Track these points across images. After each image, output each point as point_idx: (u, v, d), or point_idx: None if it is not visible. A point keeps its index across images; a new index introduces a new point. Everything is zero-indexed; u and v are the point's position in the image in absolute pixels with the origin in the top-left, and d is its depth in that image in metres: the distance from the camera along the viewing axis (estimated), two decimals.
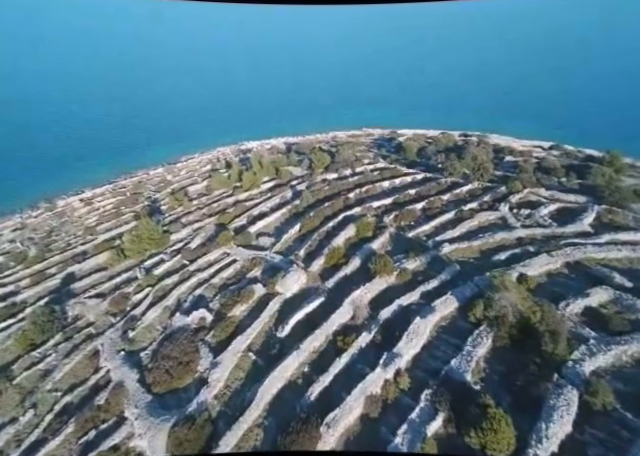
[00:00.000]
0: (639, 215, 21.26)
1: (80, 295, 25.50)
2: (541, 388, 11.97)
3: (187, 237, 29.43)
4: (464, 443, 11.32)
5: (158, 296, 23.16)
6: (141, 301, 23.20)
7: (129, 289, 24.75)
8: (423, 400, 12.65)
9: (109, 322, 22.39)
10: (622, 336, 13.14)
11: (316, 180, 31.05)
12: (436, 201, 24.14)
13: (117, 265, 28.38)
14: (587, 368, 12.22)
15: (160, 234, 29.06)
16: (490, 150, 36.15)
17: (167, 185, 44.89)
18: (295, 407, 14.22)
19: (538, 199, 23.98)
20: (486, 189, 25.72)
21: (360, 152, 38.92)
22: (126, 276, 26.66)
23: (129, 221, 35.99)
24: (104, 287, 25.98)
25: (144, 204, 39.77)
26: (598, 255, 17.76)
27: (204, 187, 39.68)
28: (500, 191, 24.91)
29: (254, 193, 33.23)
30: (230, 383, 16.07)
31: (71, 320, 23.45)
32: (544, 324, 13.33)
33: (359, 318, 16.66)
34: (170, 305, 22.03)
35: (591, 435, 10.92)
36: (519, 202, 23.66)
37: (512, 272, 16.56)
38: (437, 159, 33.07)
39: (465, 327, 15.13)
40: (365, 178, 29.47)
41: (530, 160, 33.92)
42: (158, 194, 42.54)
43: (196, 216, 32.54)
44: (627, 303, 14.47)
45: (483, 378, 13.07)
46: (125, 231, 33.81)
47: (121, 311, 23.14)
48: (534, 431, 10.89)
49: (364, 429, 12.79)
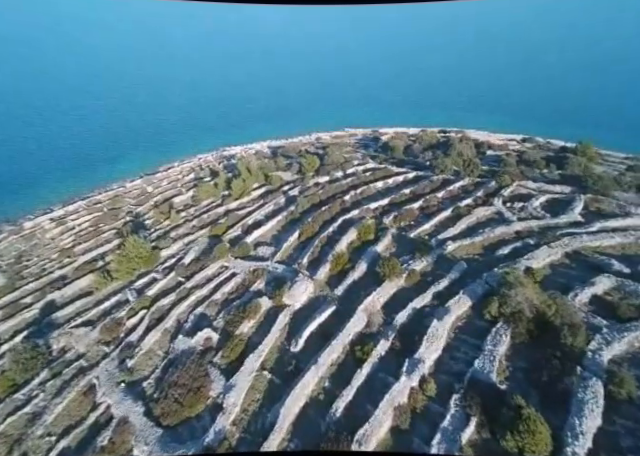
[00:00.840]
0: (622, 202, 22.29)
1: (64, 325, 23.34)
2: (566, 382, 12.00)
3: (179, 252, 27.81)
4: (500, 447, 11.10)
5: (155, 319, 21.63)
6: (136, 326, 21.56)
7: (121, 314, 22.93)
8: (452, 406, 12.36)
9: (102, 352, 20.60)
10: (631, 322, 13.49)
11: (308, 184, 30.34)
12: (432, 199, 24.17)
13: (103, 288, 26.33)
14: (606, 357, 12.40)
15: (149, 251, 27.27)
16: (472, 145, 36.92)
17: (148, 198, 42.50)
18: (320, 426, 13.53)
19: (528, 192, 24.59)
20: (477, 184, 26.10)
21: (348, 153, 38.57)
22: (115, 300, 24.76)
23: (111, 239, 33.68)
24: (92, 314, 23.97)
25: (125, 220, 37.41)
26: (593, 243, 18.34)
27: (190, 197, 37.86)
28: (491, 186, 25.33)
29: (245, 201, 32.02)
30: (247, 406, 15.12)
31: (57, 354, 21.40)
32: (559, 317, 13.43)
33: (374, 325, 16.19)
34: (170, 327, 20.60)
35: (621, 425, 11.03)
36: (511, 195, 24.14)
37: (519, 266, 16.69)
38: (424, 157, 33.32)
39: (482, 326, 15.04)
40: (358, 179, 29.12)
41: (511, 154, 34.97)
42: (140, 208, 40.14)
43: (186, 229, 30.87)
44: (630, 289, 14.94)
45: (508, 377, 12.99)
46: (108, 251, 31.76)
47: (115, 339, 21.38)
48: (568, 428, 10.85)
49: (397, 442, 12.31)
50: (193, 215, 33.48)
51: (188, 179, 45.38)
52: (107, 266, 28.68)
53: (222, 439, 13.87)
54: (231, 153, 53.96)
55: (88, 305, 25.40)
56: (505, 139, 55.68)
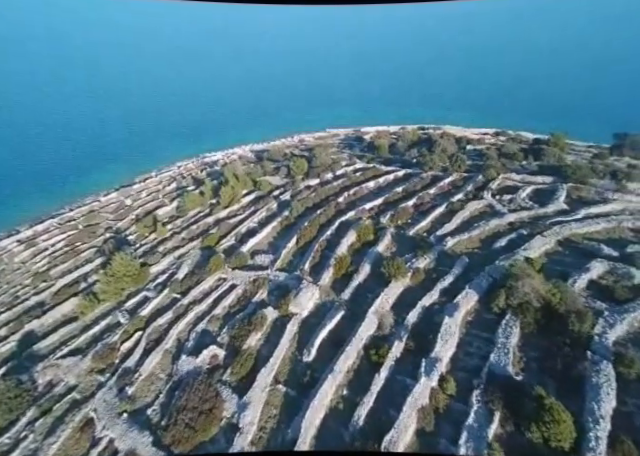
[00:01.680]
0: (600, 189, 23.57)
1: (49, 356, 21.40)
2: (579, 368, 12.37)
3: (170, 267, 26.44)
4: (525, 439, 11.24)
5: (152, 340, 20.37)
6: (132, 350, 20.20)
7: (113, 338, 21.37)
8: (474, 402, 12.42)
9: (97, 382, 19.12)
10: (628, 304, 14.17)
11: (299, 188, 29.82)
12: (425, 196, 24.45)
13: (90, 312, 24.49)
14: (611, 340, 12.92)
15: (138, 269, 25.70)
16: (453, 141, 37.87)
17: (128, 211, 40.22)
18: (344, 436, 13.19)
19: (513, 183, 25.47)
20: (465, 179, 26.69)
21: (334, 154, 38.38)
22: (105, 323, 23.09)
23: (92, 259, 31.54)
24: (80, 341, 22.17)
25: (105, 237, 35.15)
26: (582, 230, 19.22)
27: (175, 208, 36.13)
28: (479, 180, 25.98)
29: (235, 209, 31.00)
30: (264, 423, 14.50)
31: (44, 389, 19.61)
32: (563, 305, 13.86)
33: (386, 327, 16.05)
34: (170, 348, 19.46)
35: (633, 405, 11.50)
36: (498, 188, 24.88)
37: (517, 257, 17.14)
38: (410, 154, 33.75)
39: (491, 319, 15.28)
40: (349, 180, 28.97)
41: (491, 147, 36.20)
42: (120, 223, 37.85)
43: (175, 242, 29.42)
44: (622, 271, 15.74)
45: (523, 368, 13.23)
46: (90, 271, 29.72)
47: (109, 366, 19.89)
48: (588, 413, 11.17)
49: (424, 445, 12.20)
50: (181, 227, 32.01)
51: (170, 189, 43.41)
52: (92, 288, 26.81)
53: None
54: (213, 159, 52.23)
55: (74, 332, 23.54)
56: (480, 133, 57.67)
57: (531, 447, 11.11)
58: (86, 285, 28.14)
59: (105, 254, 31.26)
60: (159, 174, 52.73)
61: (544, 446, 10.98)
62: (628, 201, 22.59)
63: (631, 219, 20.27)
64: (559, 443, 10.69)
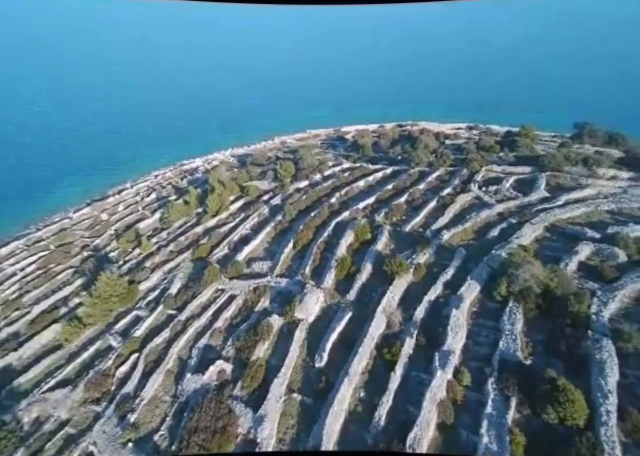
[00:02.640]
0: (574, 175, 25.12)
1: (34, 391, 19.62)
2: (582, 346, 13.04)
3: (161, 283, 25.19)
4: (543, 422, 11.68)
5: (151, 361, 19.28)
6: (129, 374, 19.03)
7: (106, 364, 20.00)
8: (490, 390, 12.75)
9: (93, 413, 17.82)
10: (617, 282, 15.15)
11: (289, 191, 29.43)
12: (415, 192, 24.91)
13: (75, 339, 22.78)
14: (606, 317, 13.73)
15: (126, 287, 24.25)
16: (433, 137, 38.97)
17: (106, 226, 37.86)
18: (366, 439, 13.10)
19: (496, 175, 26.55)
20: (451, 173, 27.48)
21: (318, 155, 38.27)
22: (94, 349, 21.56)
23: (70, 281, 29.40)
24: (67, 371, 20.49)
25: (83, 256, 32.93)
26: (565, 215, 20.36)
27: (158, 220, 34.54)
28: (464, 173, 26.85)
29: (224, 217, 30.09)
30: (283, 435, 14.13)
31: (31, 427, 17.95)
32: (561, 288, 14.58)
33: (395, 324, 16.15)
34: (172, 368, 18.51)
35: (633, 376, 12.26)
36: (483, 180, 25.83)
37: (511, 245, 17.85)
38: (394, 152, 34.30)
39: (494, 307, 15.79)
40: (338, 181, 28.99)
41: (469, 141, 37.60)
42: (97, 240, 35.56)
43: (163, 256, 28.07)
44: (607, 252, 16.81)
45: (531, 352, 13.74)
46: (70, 294, 27.73)
47: (105, 394, 18.59)
48: (596, 389, 11.78)
49: (447, 439, 12.38)
50: (167, 239, 30.61)
51: (150, 200, 41.42)
52: (74, 312, 25.02)
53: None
54: (192, 166, 50.45)
55: (60, 361, 21.82)
56: (454, 128, 59.83)
57: (549, 428, 11.55)
58: (67, 310, 26.23)
59: (85, 274, 29.37)
60: (135, 185, 50.11)
61: (560, 426, 11.45)
62: (601, 185, 24.25)
63: (606, 202, 21.75)
64: (574, 421, 11.19)
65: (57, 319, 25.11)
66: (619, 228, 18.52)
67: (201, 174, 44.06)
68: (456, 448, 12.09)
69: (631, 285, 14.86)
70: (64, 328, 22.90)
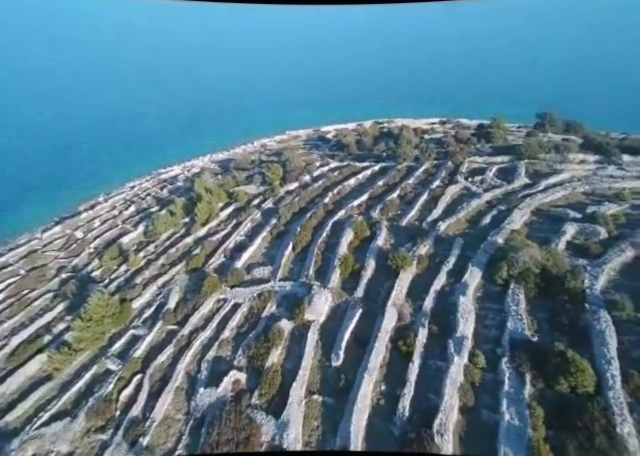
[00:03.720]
0: (549, 161, 26.96)
1: (26, 428, 18.09)
2: (582, 319, 14.05)
3: (156, 298, 24.14)
4: (556, 393, 12.47)
5: (157, 381, 18.46)
6: (135, 396, 18.08)
7: (107, 389, 18.86)
8: (505, 370, 13.41)
9: (99, 441, 16.74)
10: (602, 257, 16.46)
11: (280, 194, 29.22)
12: (406, 187, 25.60)
13: (66, 367, 21.28)
14: (599, 290, 14.89)
15: (118, 306, 22.99)
16: (413, 133, 40.20)
17: (83, 245, 35.58)
18: (393, 431, 13.34)
19: (479, 166, 27.89)
20: (437, 166, 28.53)
21: (304, 156, 38.26)
22: (90, 375, 20.22)
23: (50, 306, 27.39)
24: (62, 402, 19.07)
25: (61, 278, 30.78)
26: (547, 199, 21.82)
27: (142, 234, 33.00)
28: (449, 166, 27.95)
29: (214, 225, 29.32)
30: (309, 438, 14.05)
31: None
32: (556, 267, 15.62)
33: (406, 316, 16.56)
34: (181, 385, 17.82)
35: (627, 341, 13.38)
36: (468, 171, 27.04)
37: (504, 231, 18.86)
38: (379, 148, 35.03)
39: (497, 290, 16.63)
40: (329, 180, 29.18)
41: (448, 135, 39.17)
42: (75, 260, 33.36)
43: (154, 270, 26.89)
44: (589, 230, 18.22)
45: (537, 329, 14.60)
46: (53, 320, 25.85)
47: (110, 420, 17.53)
48: (600, 356, 12.75)
49: (469, 421, 12.88)
50: (156, 252, 29.36)
51: (129, 213, 39.46)
52: (61, 338, 23.39)
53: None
54: (171, 175, 48.65)
55: (51, 393, 20.28)
56: (428, 123, 62.03)
57: (562, 398, 12.35)
58: (52, 337, 24.45)
59: (68, 297, 27.54)
60: (109, 199, 47.52)
61: (573, 394, 12.28)
62: (573, 169, 26.20)
63: (580, 184, 23.56)
64: (585, 389, 12.06)
65: (42, 348, 23.34)
66: (596, 207, 20.15)
67: (182, 182, 42.66)
68: (479, 428, 12.61)
69: (615, 259, 16.22)
70: (53, 357, 21.33)
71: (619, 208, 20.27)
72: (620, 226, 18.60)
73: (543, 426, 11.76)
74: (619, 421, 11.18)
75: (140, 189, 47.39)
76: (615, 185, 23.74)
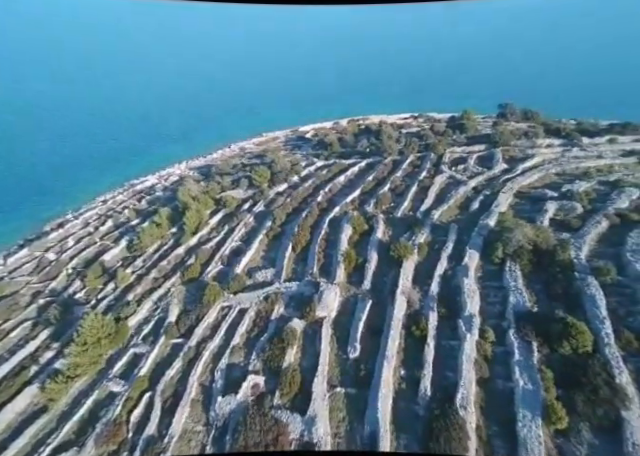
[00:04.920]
0: (521, 147, 29.21)
1: None
2: (574, 286, 15.56)
3: (153, 313, 23.35)
4: (561, 355, 13.75)
5: (169, 396, 17.93)
6: (147, 415, 17.44)
7: (115, 412, 18.03)
8: (513, 340, 14.55)
9: None
10: (582, 229, 18.27)
11: (270, 196, 29.23)
12: (395, 180, 26.63)
13: (62, 396, 20.06)
14: (584, 259, 16.55)
15: (113, 326, 21.98)
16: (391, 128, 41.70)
17: (58, 267, 33.45)
18: (418, 411, 14.02)
19: (459, 155, 29.60)
20: (421, 158, 29.89)
21: (287, 157, 38.42)
22: (92, 401, 19.23)
23: (32, 335, 25.59)
24: (64, 433, 17.93)
25: (39, 304, 28.78)
26: (526, 182, 23.71)
27: (125, 249, 31.58)
28: (432, 157, 29.40)
29: (205, 233, 28.76)
30: (337, 430, 14.39)
31: None
32: (545, 242, 17.15)
33: (415, 302, 17.37)
34: (196, 397, 17.45)
35: (615, 302, 15.01)
36: (450, 161, 28.62)
37: (493, 214, 20.31)
38: (362, 145, 36.00)
39: (494, 269, 17.93)
40: (318, 179, 29.59)
41: (426, 129, 41.00)
42: (52, 283, 31.28)
43: (146, 285, 25.93)
44: (568, 207, 20.11)
45: (536, 300, 15.94)
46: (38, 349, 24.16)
47: (123, 443, 16.80)
48: (593, 318, 14.22)
49: (486, 391, 13.84)
50: (145, 267, 28.26)
51: (106, 229, 37.57)
52: (50, 367, 21.96)
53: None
54: (146, 185, 46.80)
55: (49, 425, 19.07)
56: (401, 118, 64.37)
57: (566, 359, 13.64)
58: (39, 368, 22.88)
59: (51, 324, 25.87)
60: (79, 215, 44.92)
61: (574, 355, 13.60)
62: (543, 153, 28.61)
63: (552, 166, 25.81)
64: (585, 348, 13.42)
65: (29, 380, 21.77)
66: (570, 186, 22.25)
67: (161, 192, 41.30)
68: (497, 397, 13.61)
69: (593, 230, 18.08)
70: (47, 387, 19.98)
71: (588, 185, 22.52)
72: (592, 201, 20.70)
73: (554, 387, 12.93)
74: (617, 373, 12.58)
75: (114, 203, 45.21)
76: (581, 165, 26.29)
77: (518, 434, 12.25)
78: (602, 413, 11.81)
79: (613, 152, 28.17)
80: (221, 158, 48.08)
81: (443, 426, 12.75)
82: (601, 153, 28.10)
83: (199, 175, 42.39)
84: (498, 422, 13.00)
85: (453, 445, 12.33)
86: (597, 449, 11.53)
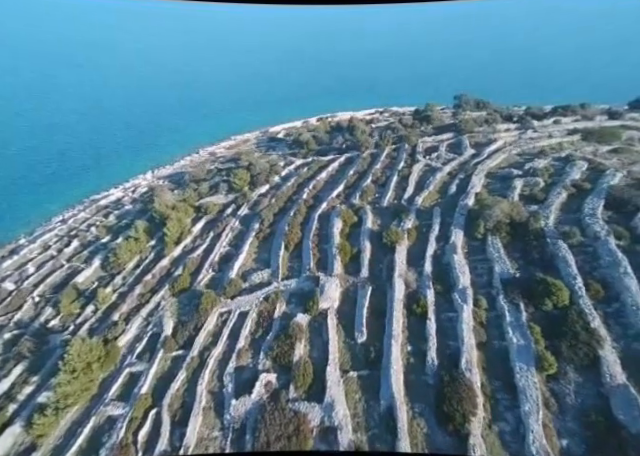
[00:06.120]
0: (484, 133, 32.41)
1: None
2: (547, 251, 18.00)
3: (145, 330, 22.88)
4: (544, 311, 15.95)
5: (177, 409, 17.89)
6: (155, 432, 17.28)
7: (119, 434, 17.65)
8: (503, 304, 16.57)
9: None
10: (546, 201, 21.05)
11: (253, 198, 29.71)
12: (376, 172, 28.36)
13: (52, 431, 19.18)
14: (552, 225, 19.15)
15: (102, 348, 21.29)
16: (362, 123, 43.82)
17: (20, 296, 31.23)
18: (428, 381, 15.48)
19: (431, 144, 32.13)
20: (396, 150, 32.01)
21: (263, 158, 38.96)
22: (89, 429, 18.60)
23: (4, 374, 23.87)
24: None
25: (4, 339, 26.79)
26: (493, 164, 26.52)
27: (100, 268, 30.29)
28: (406, 148, 31.62)
29: (189, 242, 28.53)
30: (355, 411, 15.44)
31: None
32: (519, 215, 19.58)
33: (412, 283, 18.95)
34: (207, 405, 17.61)
35: (581, 260, 17.60)
36: (424, 150, 31.00)
37: (470, 195, 22.61)
38: (337, 141, 37.57)
39: (477, 244, 20.07)
40: (300, 177, 30.54)
41: (395, 122, 43.60)
42: (18, 314, 29.24)
43: (131, 302, 25.25)
44: (532, 182, 22.98)
45: (517, 267, 18.18)
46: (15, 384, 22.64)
47: None
48: (567, 276, 16.64)
49: (486, 353, 15.65)
50: (126, 284, 27.41)
51: (73, 250, 35.56)
52: (33, 402, 20.81)
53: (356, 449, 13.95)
54: (111, 199, 44.82)
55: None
56: (367, 114, 67.36)
57: (549, 314, 15.86)
58: (18, 406, 21.53)
59: (25, 357, 24.31)
60: (35, 239, 41.89)
61: (554, 310, 15.86)
62: (503, 137, 31.97)
63: (513, 148, 29.05)
64: (563, 303, 15.69)
65: (8, 422, 20.44)
66: (531, 164, 25.33)
67: (130, 205, 39.89)
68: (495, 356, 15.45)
69: (556, 200, 20.92)
70: (35, 423, 18.92)
71: (546, 161, 25.78)
72: (551, 175, 23.80)
73: (542, 339, 15.02)
74: (591, 319, 14.94)
75: (75, 221, 42.77)
76: (537, 144, 29.84)
77: (517, 384, 14.12)
78: (583, 354, 14.00)
79: (560, 132, 32.27)
80: (191, 165, 47.31)
81: (453, 389, 14.30)
82: (550, 133, 32.06)
83: (171, 184, 41.48)
84: (499, 378, 14.82)
85: (464, 404, 13.87)
86: (582, 385, 13.69)
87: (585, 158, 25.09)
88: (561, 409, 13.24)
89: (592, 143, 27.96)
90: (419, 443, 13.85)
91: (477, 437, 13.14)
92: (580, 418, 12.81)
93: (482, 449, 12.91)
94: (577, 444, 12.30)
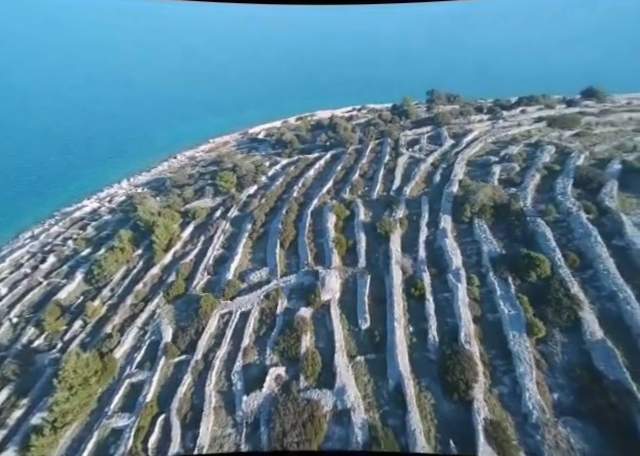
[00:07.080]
0: (460, 124, 34.85)
1: None
2: (528, 229, 20.04)
3: (142, 339, 22.94)
4: (530, 283, 17.85)
5: (187, 412, 18.26)
6: (166, 437, 17.57)
7: (127, 445, 17.77)
8: (494, 280, 18.34)
9: None
10: (522, 183, 23.29)
11: (242, 200, 30.33)
12: (363, 166, 29.84)
13: (52, 450, 19.01)
14: (530, 205, 21.30)
15: (99, 362, 21.21)
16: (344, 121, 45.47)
17: None
18: (431, 357, 16.90)
19: (412, 138, 34.10)
20: (380, 144, 33.72)
21: (247, 159, 39.56)
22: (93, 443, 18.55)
23: None
24: None
25: None
26: (472, 152, 28.73)
27: (83, 282, 29.75)
28: (389, 142, 33.40)
29: (179, 248, 28.69)
30: (365, 392, 16.54)
31: None
32: (500, 198, 21.61)
33: (408, 269, 20.40)
34: (217, 404, 18.12)
35: (557, 234, 19.75)
36: (406, 143, 32.90)
37: (454, 183, 24.52)
38: (321, 139, 38.85)
39: (466, 227, 21.87)
40: (288, 176, 31.48)
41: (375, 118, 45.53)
42: None
43: (124, 313, 25.13)
44: (508, 167, 25.26)
45: (503, 246, 20.09)
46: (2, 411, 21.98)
47: None
48: (547, 249, 18.65)
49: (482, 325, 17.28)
50: (116, 295, 27.18)
51: (50, 266, 34.49)
52: (25, 424, 20.45)
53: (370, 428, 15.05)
54: (86, 211, 43.66)
55: None
56: (346, 111, 69.42)
57: (534, 285, 17.75)
58: (8, 431, 21.03)
59: (11, 380, 23.67)
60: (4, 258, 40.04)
61: (539, 281, 17.77)
62: (478, 128, 34.54)
63: (488, 137, 31.54)
64: (546, 274, 17.63)
65: (1, 447, 19.94)
66: (505, 150, 27.75)
67: (109, 215, 39.19)
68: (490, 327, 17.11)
69: (531, 182, 23.24)
70: (32, 445, 18.64)
71: (518, 148, 28.32)
72: (524, 160, 26.28)
73: (530, 307, 16.84)
74: (571, 286, 16.93)
75: (48, 236, 41.32)
76: (508, 133, 32.54)
77: (511, 350, 15.79)
78: (566, 317, 15.90)
79: (527, 120, 35.34)
80: (170, 170, 46.97)
81: (455, 361, 15.75)
82: (519, 122, 35.04)
83: (151, 190, 41.07)
84: (495, 346, 16.45)
85: (466, 373, 15.36)
86: (567, 345, 15.56)
87: (552, 143, 27.81)
88: (551, 368, 15.01)
89: (556, 129, 30.96)
90: (427, 414, 15.17)
91: (480, 401, 14.62)
92: (567, 373, 14.60)
93: (485, 411, 14.42)
94: (566, 396, 14.07)
